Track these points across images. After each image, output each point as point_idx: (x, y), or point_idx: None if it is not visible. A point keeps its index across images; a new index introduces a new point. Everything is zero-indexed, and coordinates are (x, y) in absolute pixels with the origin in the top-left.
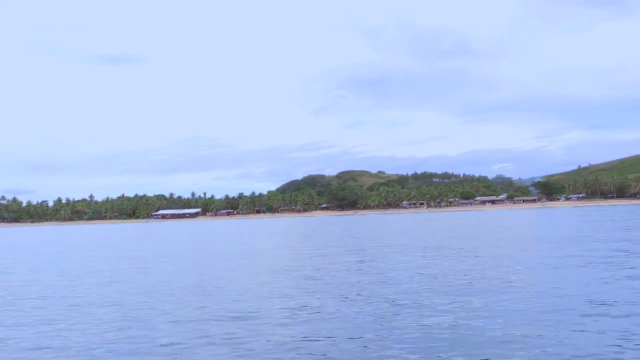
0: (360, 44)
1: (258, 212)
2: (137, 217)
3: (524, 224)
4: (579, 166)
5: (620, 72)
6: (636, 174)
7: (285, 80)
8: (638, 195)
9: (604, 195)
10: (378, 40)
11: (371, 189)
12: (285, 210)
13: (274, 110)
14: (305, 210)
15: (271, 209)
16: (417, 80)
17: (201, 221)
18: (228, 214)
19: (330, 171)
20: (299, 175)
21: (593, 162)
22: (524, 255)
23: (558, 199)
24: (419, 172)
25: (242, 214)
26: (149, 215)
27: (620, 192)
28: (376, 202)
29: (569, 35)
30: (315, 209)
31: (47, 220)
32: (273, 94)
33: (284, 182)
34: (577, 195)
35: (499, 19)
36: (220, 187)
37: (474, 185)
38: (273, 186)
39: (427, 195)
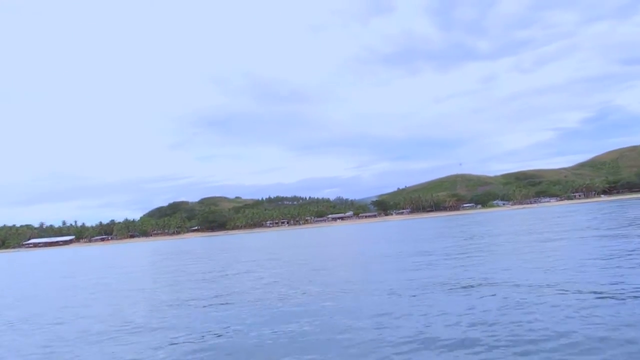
0: (211, 90)
1: (132, 236)
2: (8, 247)
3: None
4: (398, 188)
5: (412, 116)
6: (448, 192)
7: (143, 120)
8: (449, 208)
9: (425, 209)
10: (226, 87)
11: (236, 211)
12: (159, 234)
13: (132, 147)
14: (178, 232)
15: (145, 233)
16: (259, 121)
17: (74, 248)
18: (102, 239)
19: (187, 198)
20: (158, 203)
21: (403, 186)
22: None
23: (392, 214)
24: (271, 196)
25: (117, 239)
26: (19, 245)
27: (437, 207)
28: (243, 223)
29: (374, 88)
30: (187, 232)
31: None
32: (132, 132)
33: (147, 210)
34: (406, 210)
35: (322, 73)
36: (85, 215)
37: (324, 205)
38: (135, 214)
39: (288, 215)
